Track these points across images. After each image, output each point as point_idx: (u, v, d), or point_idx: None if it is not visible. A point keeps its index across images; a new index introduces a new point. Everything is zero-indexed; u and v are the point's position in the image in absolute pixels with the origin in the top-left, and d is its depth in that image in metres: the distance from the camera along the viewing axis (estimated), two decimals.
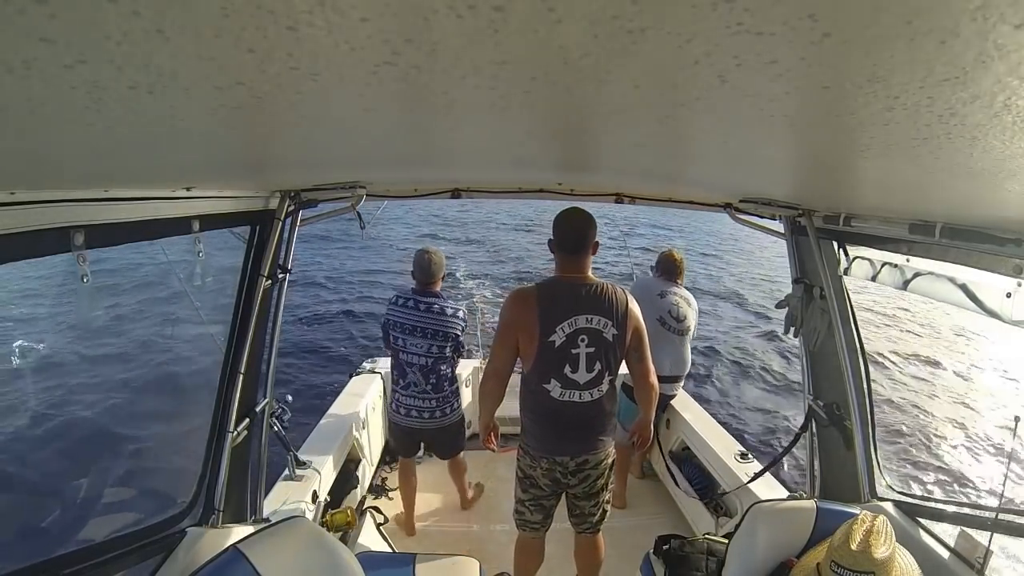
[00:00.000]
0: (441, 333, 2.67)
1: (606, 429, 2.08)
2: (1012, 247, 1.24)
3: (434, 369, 2.72)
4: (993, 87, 0.37)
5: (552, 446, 2.06)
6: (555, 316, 1.90)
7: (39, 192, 1.03)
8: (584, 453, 2.05)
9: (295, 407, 2.37)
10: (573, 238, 1.96)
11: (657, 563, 2.14)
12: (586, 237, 1.96)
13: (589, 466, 2.08)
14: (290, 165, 1.25)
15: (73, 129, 0.56)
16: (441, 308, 2.68)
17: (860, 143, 0.63)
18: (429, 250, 2.76)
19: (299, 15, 0.29)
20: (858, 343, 2.05)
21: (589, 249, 1.97)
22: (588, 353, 1.92)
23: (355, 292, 10.93)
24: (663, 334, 3.06)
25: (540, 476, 2.11)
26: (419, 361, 2.69)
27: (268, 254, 1.91)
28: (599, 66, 0.39)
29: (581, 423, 2.02)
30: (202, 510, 1.79)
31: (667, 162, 1.18)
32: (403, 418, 2.80)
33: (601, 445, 2.08)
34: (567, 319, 1.90)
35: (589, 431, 2.05)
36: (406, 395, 2.77)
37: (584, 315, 1.91)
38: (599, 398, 1.99)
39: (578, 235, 1.96)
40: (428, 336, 2.66)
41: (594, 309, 1.92)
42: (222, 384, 1.87)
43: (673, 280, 3.23)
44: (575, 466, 2.06)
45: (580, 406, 1.98)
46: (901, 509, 1.85)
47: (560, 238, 1.98)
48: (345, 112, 0.57)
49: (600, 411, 2.03)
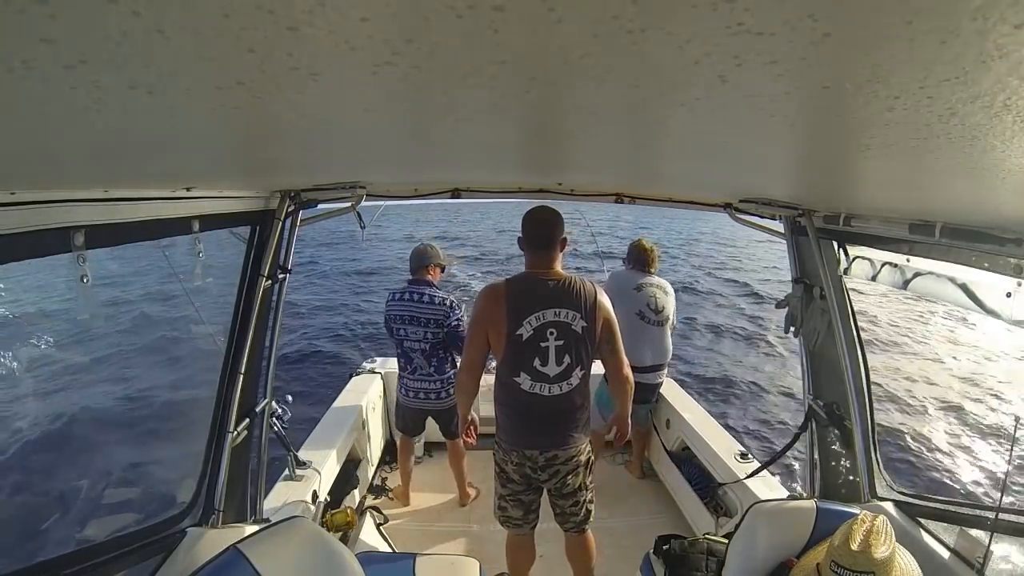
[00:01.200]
0: (433, 321, 2.82)
1: (577, 425, 2.07)
2: (1012, 247, 1.24)
3: (434, 353, 2.89)
4: (993, 87, 0.37)
5: (521, 439, 2.08)
6: (523, 310, 1.94)
7: (39, 192, 1.03)
8: (553, 448, 2.05)
9: (295, 407, 2.37)
10: (540, 234, 2.01)
11: (657, 563, 2.14)
12: (552, 233, 2.00)
13: (559, 462, 2.07)
14: (290, 165, 1.25)
15: (73, 129, 0.56)
16: (431, 297, 2.84)
17: (860, 143, 0.63)
18: (424, 243, 3.00)
19: (299, 15, 0.29)
20: (858, 343, 2.05)
21: (557, 245, 2.00)
22: (557, 346, 1.95)
23: (355, 292, 10.92)
24: (643, 327, 3.10)
25: (512, 471, 2.13)
26: (420, 347, 2.88)
27: (268, 254, 1.91)
28: (599, 66, 0.39)
29: (550, 416, 2.03)
30: (202, 510, 1.79)
31: (667, 162, 1.18)
32: (412, 400, 3.00)
33: (571, 441, 2.07)
34: (534, 312, 1.93)
35: (558, 425, 2.05)
36: (413, 379, 2.96)
37: (552, 308, 1.94)
38: (569, 391, 2.00)
39: (545, 231, 2.00)
40: (423, 324, 2.84)
41: (562, 302, 1.95)
42: (222, 384, 1.87)
43: (646, 270, 3.24)
44: (544, 461, 2.06)
45: (550, 399, 1.99)
46: (901, 509, 1.85)
47: (528, 235, 2.02)
48: (345, 112, 0.57)
49: (571, 405, 2.03)
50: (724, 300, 12.39)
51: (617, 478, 3.60)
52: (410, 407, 3.04)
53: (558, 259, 2.03)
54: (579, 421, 2.08)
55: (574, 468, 2.11)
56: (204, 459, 1.85)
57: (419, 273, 2.92)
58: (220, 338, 1.89)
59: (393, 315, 2.88)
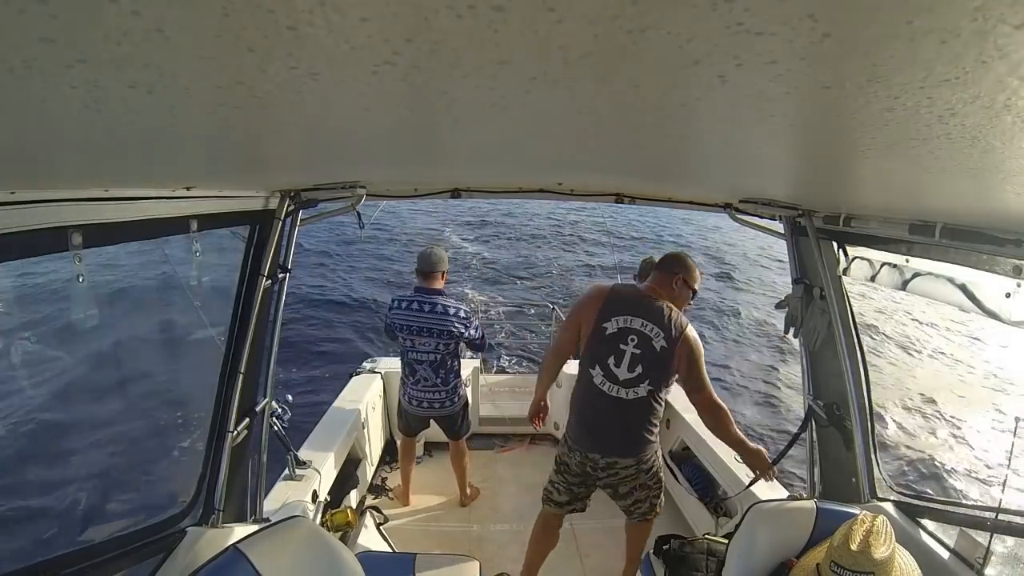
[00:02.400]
0: (446, 332, 2.76)
1: (638, 436, 2.11)
2: (1012, 247, 1.23)
3: (443, 364, 2.86)
4: (993, 87, 0.37)
5: (586, 442, 2.16)
6: (615, 309, 2.08)
7: (38, 191, 1.03)
8: (613, 455, 2.13)
9: (295, 407, 2.37)
10: (660, 263, 2.24)
11: (657, 563, 2.14)
12: (664, 264, 2.21)
13: (619, 466, 2.14)
14: (290, 165, 1.25)
15: (73, 129, 0.56)
16: (444, 308, 2.77)
17: (860, 143, 0.63)
18: (432, 246, 2.93)
19: (299, 15, 0.29)
20: (858, 343, 2.05)
21: (670, 279, 2.16)
22: (634, 353, 2.03)
23: (356, 291, 10.93)
24: None
25: (574, 465, 2.21)
26: (428, 358, 2.83)
27: (268, 254, 1.91)
28: (599, 66, 0.39)
29: (612, 419, 2.09)
30: (202, 510, 1.79)
31: (667, 162, 1.18)
32: (415, 408, 2.97)
33: (631, 451, 2.12)
34: (624, 315, 2.06)
35: (619, 431, 2.11)
36: (416, 389, 2.92)
37: (640, 318, 2.05)
38: (634, 400, 2.05)
39: (665, 261, 2.23)
40: (435, 335, 2.78)
41: (651, 317, 2.05)
42: (222, 384, 1.87)
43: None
44: (605, 464, 2.14)
45: (614, 400, 2.06)
46: (901, 509, 1.85)
47: (655, 263, 2.29)
48: (345, 112, 0.57)
49: (634, 416, 2.09)
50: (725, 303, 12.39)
51: None
52: (415, 414, 3.01)
53: (667, 290, 2.15)
54: (641, 434, 2.12)
55: (632, 475, 2.18)
56: (204, 459, 1.85)
57: (429, 280, 2.79)
58: (221, 338, 1.89)
59: (399, 324, 2.79)
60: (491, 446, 3.98)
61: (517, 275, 12.92)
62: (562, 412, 3.89)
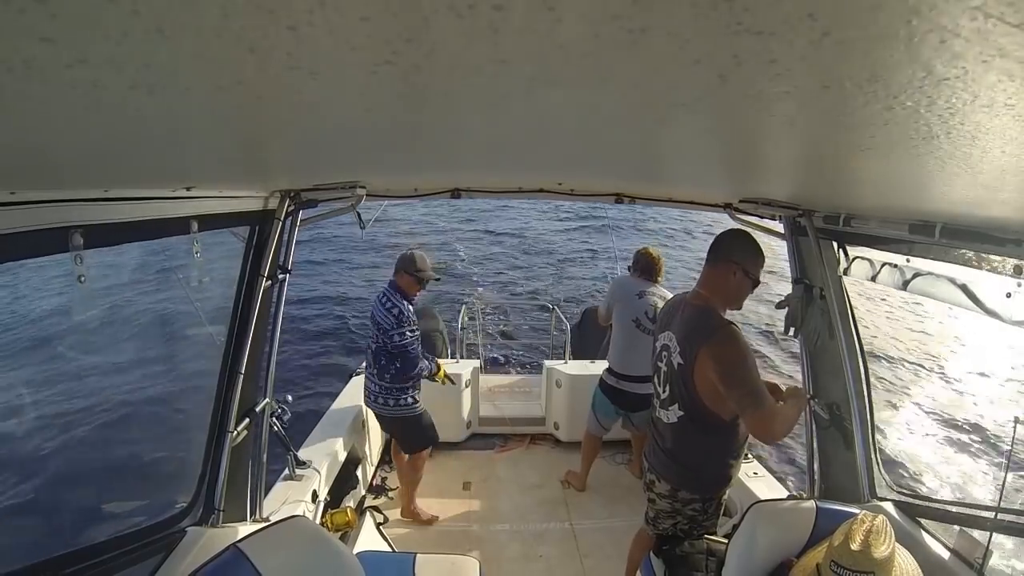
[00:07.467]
0: (382, 327, 2.83)
1: (677, 463, 1.90)
2: (1012, 247, 1.23)
3: (378, 354, 2.91)
4: (993, 87, 0.37)
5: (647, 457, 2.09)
6: (664, 322, 1.97)
7: (38, 192, 1.03)
8: (654, 472, 2.00)
9: (295, 407, 2.37)
10: (712, 246, 1.86)
11: (657, 563, 2.13)
12: (717, 246, 1.83)
13: (655, 489, 2.00)
14: (290, 165, 1.25)
15: (73, 129, 0.56)
16: (391, 304, 2.84)
17: (860, 143, 0.63)
18: (411, 248, 3.04)
19: (299, 15, 0.29)
20: (858, 343, 2.05)
21: (726, 272, 1.78)
22: (664, 371, 1.91)
23: (356, 292, 10.92)
24: (638, 335, 3.05)
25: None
26: (372, 346, 2.96)
27: (268, 254, 1.91)
28: (599, 66, 0.39)
29: (657, 438, 1.99)
30: (202, 510, 1.79)
31: (667, 162, 1.18)
32: (370, 401, 3.03)
33: (665, 479, 1.93)
34: (663, 331, 1.94)
35: (662, 451, 1.96)
36: (368, 378, 3.02)
37: (670, 332, 1.87)
38: (673, 424, 1.86)
39: (716, 251, 1.83)
40: (376, 327, 2.89)
41: (678, 329, 1.82)
42: (222, 384, 1.87)
43: (651, 279, 3.21)
44: (648, 481, 2.07)
45: (657, 419, 1.98)
46: (901, 509, 1.85)
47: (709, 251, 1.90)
48: (345, 112, 0.57)
49: (670, 438, 1.89)
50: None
51: (617, 478, 3.60)
52: (372, 410, 3.09)
53: (716, 281, 1.81)
54: (680, 461, 1.90)
55: (668, 507, 1.98)
56: (204, 459, 1.85)
57: (395, 277, 2.91)
58: (220, 338, 1.89)
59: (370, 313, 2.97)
60: (490, 446, 3.98)
61: (517, 274, 12.91)
62: (563, 412, 3.92)
